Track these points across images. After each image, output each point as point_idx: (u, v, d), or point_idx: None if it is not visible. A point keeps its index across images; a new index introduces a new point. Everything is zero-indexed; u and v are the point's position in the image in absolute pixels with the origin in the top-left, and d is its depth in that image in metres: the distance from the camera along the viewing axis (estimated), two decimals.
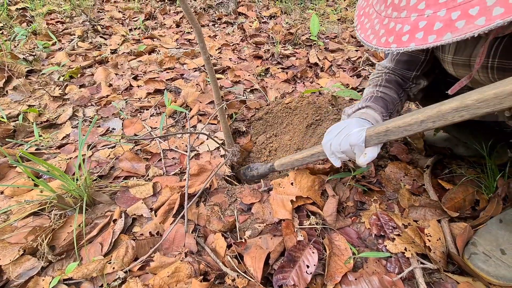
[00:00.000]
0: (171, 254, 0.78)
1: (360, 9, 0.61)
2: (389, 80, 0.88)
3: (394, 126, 0.61)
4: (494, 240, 0.76)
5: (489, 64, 0.61)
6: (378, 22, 0.52)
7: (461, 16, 0.40)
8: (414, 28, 0.44)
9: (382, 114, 0.80)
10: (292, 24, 2.52)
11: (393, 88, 0.87)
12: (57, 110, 1.42)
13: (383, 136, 0.64)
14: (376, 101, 0.83)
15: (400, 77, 0.88)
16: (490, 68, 0.61)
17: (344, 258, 0.77)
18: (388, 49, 0.48)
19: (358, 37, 0.56)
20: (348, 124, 0.72)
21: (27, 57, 1.82)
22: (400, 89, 0.88)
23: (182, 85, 1.63)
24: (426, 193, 0.97)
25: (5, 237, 0.81)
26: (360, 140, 0.67)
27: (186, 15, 0.74)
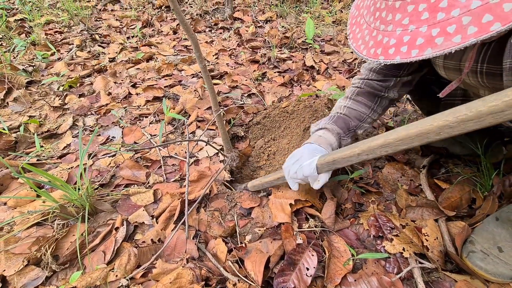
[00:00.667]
0: (173, 260, 0.80)
1: (352, 18, 0.64)
2: (360, 92, 0.90)
3: (338, 157, 0.70)
4: (491, 238, 0.77)
5: (478, 68, 0.62)
6: (368, 33, 0.55)
7: (440, 33, 0.43)
8: (399, 42, 0.48)
9: (340, 135, 0.86)
10: (287, 28, 2.55)
11: (363, 101, 0.89)
12: (57, 120, 1.44)
13: (332, 165, 0.73)
14: (337, 121, 0.87)
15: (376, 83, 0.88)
16: (479, 72, 0.63)
17: (343, 259, 0.78)
18: (376, 60, 0.52)
19: (350, 46, 0.59)
20: (301, 156, 0.80)
21: (27, 68, 1.84)
22: (373, 99, 0.89)
23: (180, 91, 1.65)
24: (423, 193, 0.98)
25: (10, 248, 0.82)
26: (311, 171, 0.76)
27: (182, 25, 0.76)
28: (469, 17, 0.40)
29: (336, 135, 0.86)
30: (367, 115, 0.89)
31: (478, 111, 0.45)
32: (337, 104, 0.95)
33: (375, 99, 0.89)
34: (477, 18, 0.39)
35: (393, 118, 1.42)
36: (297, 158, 0.80)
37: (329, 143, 0.84)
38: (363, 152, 0.63)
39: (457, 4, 0.41)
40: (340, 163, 0.71)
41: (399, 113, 1.46)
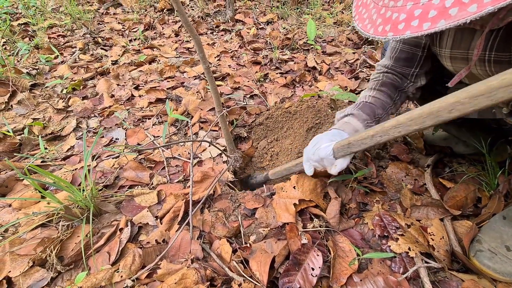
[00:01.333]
0: (178, 261, 0.79)
1: (358, 0, 0.62)
2: (384, 83, 0.90)
3: (354, 139, 0.70)
4: (499, 237, 0.77)
5: (486, 57, 0.62)
6: (375, 12, 0.53)
7: (454, 3, 0.41)
8: (409, 16, 0.46)
9: (366, 121, 0.84)
10: (289, 29, 2.56)
11: (387, 92, 0.89)
12: (61, 122, 1.45)
13: (347, 148, 0.72)
14: (363, 108, 0.87)
15: (398, 76, 0.89)
16: (487, 61, 0.62)
17: (349, 259, 0.78)
18: (384, 38, 0.49)
19: (356, 27, 0.58)
20: (321, 139, 0.80)
21: (31, 71, 1.86)
22: (395, 92, 0.90)
23: (183, 93, 1.66)
24: (427, 192, 0.97)
25: (15, 249, 0.82)
26: (327, 153, 0.76)
27: (186, 27, 0.76)
28: None
29: (363, 121, 0.84)
30: (389, 106, 0.89)
31: (489, 85, 0.44)
32: (362, 94, 0.95)
33: (397, 91, 0.90)
34: None
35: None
36: (317, 141, 0.81)
37: (355, 129, 0.83)
38: (376, 133, 0.62)
39: None
40: (355, 146, 0.70)
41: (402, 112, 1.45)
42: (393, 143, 1.20)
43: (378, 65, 0.96)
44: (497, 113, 0.75)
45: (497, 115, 0.75)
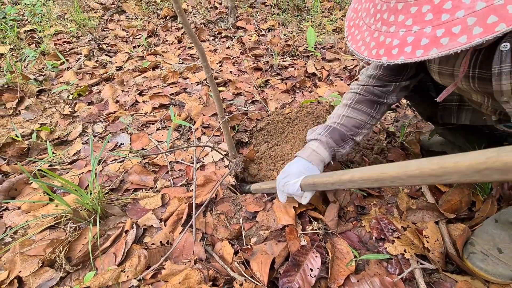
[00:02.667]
0: (181, 262, 0.82)
1: (350, 21, 0.64)
2: (359, 101, 0.90)
3: (317, 181, 0.73)
4: (491, 240, 0.79)
5: (470, 74, 0.66)
6: (368, 34, 0.56)
7: (445, 33, 0.44)
8: (402, 43, 0.48)
9: (333, 149, 0.88)
10: (289, 36, 2.61)
11: (362, 109, 0.90)
12: (67, 127, 1.49)
13: (312, 186, 0.76)
14: (332, 133, 0.89)
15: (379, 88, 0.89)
16: (471, 78, 0.66)
17: (346, 261, 0.81)
18: (379, 61, 0.52)
19: (349, 48, 0.60)
20: (289, 174, 0.83)
21: (37, 77, 1.91)
22: (372, 106, 0.90)
23: (185, 99, 1.70)
24: (423, 196, 1.00)
25: (25, 250, 0.86)
26: (295, 190, 0.79)
27: (190, 37, 0.80)
28: (474, 18, 0.41)
29: (329, 149, 0.87)
30: (366, 122, 0.90)
31: (422, 171, 0.45)
32: (335, 112, 0.95)
33: (375, 105, 0.90)
34: (482, 19, 0.40)
35: (393, 123, 1.45)
36: (286, 175, 0.84)
37: (321, 160, 0.86)
38: (335, 182, 0.67)
39: (461, 5, 0.42)
40: (319, 187, 0.75)
41: (399, 118, 1.49)
42: (390, 148, 1.24)
43: (362, 74, 0.95)
44: (488, 120, 0.79)
45: (488, 121, 0.79)
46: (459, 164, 0.40)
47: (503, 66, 0.57)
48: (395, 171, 0.50)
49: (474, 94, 0.73)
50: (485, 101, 0.72)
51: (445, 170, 0.42)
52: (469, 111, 0.86)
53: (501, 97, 0.62)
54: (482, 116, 0.81)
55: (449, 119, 0.89)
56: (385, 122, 1.46)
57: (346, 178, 0.63)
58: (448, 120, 0.90)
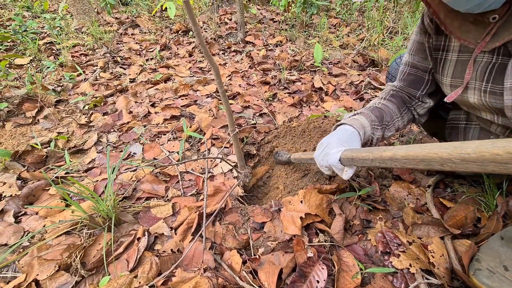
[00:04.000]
0: (191, 270, 0.85)
1: None
2: (394, 95, 0.94)
3: (357, 156, 0.71)
4: (497, 257, 0.80)
5: (483, 87, 0.69)
6: None
7: None
8: None
9: (373, 122, 0.86)
10: (297, 51, 2.69)
11: (396, 103, 0.92)
12: (83, 136, 1.55)
13: (351, 161, 0.74)
14: (372, 110, 0.89)
15: (407, 95, 0.93)
16: (483, 91, 0.69)
17: (352, 273, 0.82)
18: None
19: None
20: (328, 144, 0.81)
21: (56, 88, 2.00)
22: (403, 106, 0.92)
23: (196, 111, 1.76)
24: (429, 211, 1.02)
25: (42, 254, 0.89)
26: (335, 162, 0.77)
27: (206, 57, 0.86)
28: None
29: (371, 121, 0.85)
30: (397, 117, 0.91)
31: (481, 155, 0.41)
32: (371, 102, 0.97)
33: (405, 106, 0.92)
34: None
35: (399, 138, 1.48)
36: (325, 145, 0.81)
37: (362, 125, 0.83)
38: (375, 159, 0.65)
39: None
40: (358, 162, 0.72)
41: (405, 133, 1.52)
42: None
43: (388, 85, 1.00)
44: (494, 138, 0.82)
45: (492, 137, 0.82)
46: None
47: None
48: (447, 152, 0.45)
49: (483, 112, 0.76)
50: (495, 118, 0.74)
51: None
52: (476, 129, 0.87)
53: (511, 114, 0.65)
54: (489, 135, 0.83)
55: (456, 138, 0.91)
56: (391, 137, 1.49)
57: (388, 155, 0.59)
58: (455, 139, 0.92)
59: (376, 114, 0.88)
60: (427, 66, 0.85)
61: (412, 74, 0.90)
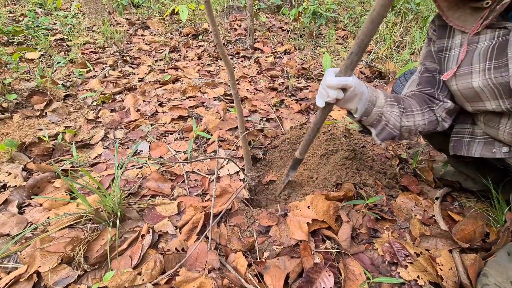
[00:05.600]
0: (195, 270, 0.84)
1: None
2: (414, 95, 0.92)
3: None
4: (505, 272, 0.79)
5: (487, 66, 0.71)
6: None
7: None
8: None
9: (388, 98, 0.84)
10: (305, 60, 2.71)
11: (416, 99, 0.89)
12: (90, 131, 1.55)
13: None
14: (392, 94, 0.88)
15: (426, 95, 0.90)
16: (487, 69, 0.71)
17: (359, 282, 0.81)
18: None
19: None
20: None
21: (65, 83, 2.02)
22: (424, 104, 0.89)
23: (203, 112, 1.77)
24: (436, 223, 1.01)
25: (45, 246, 0.88)
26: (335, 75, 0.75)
27: (222, 58, 0.87)
28: None
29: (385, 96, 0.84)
30: (416, 110, 0.87)
31: None
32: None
33: (426, 105, 0.89)
34: None
35: (406, 150, 1.48)
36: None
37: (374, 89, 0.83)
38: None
39: None
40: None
41: (412, 145, 1.52)
42: (403, 174, 1.26)
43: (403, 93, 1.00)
44: (497, 152, 0.81)
45: (497, 154, 0.81)
46: None
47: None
48: None
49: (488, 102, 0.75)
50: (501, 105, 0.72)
51: None
52: (480, 143, 0.87)
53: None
54: (492, 148, 0.83)
55: (460, 151, 0.91)
56: (398, 149, 1.49)
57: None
58: (459, 152, 0.91)
59: (394, 96, 0.87)
60: (436, 67, 0.90)
61: (424, 76, 0.92)
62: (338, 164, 1.21)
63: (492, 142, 0.84)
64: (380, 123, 0.84)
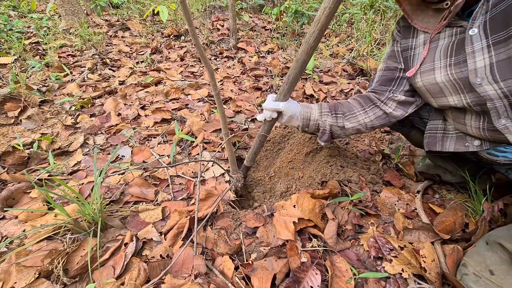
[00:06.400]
0: (181, 276, 0.82)
1: None
2: (359, 96, 1.05)
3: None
4: (483, 261, 0.82)
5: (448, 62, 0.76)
6: None
7: None
8: None
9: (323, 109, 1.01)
10: (288, 59, 2.72)
11: (359, 100, 1.02)
12: (68, 138, 1.50)
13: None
14: (325, 103, 1.03)
15: (374, 94, 1.00)
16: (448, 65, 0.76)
17: (345, 279, 0.82)
18: None
19: None
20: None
21: (41, 88, 1.93)
22: (368, 102, 1.00)
23: (187, 114, 1.74)
24: (419, 216, 1.03)
25: (21, 260, 0.84)
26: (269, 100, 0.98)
27: (202, 59, 0.85)
28: None
29: (319, 107, 1.01)
30: (358, 112, 0.99)
31: None
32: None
33: (370, 103, 1.00)
34: None
35: (388, 145, 1.51)
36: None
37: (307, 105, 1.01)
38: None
39: None
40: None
41: (394, 141, 1.55)
42: (386, 169, 1.28)
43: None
44: (470, 146, 0.84)
45: (470, 148, 0.84)
46: None
47: (474, 45, 0.68)
48: None
49: (451, 97, 0.79)
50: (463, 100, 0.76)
51: None
52: (453, 138, 0.91)
53: (476, 78, 0.69)
54: (465, 143, 0.86)
55: (434, 147, 0.95)
56: (381, 144, 1.52)
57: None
58: (433, 148, 0.95)
59: (329, 105, 1.03)
60: (397, 66, 0.95)
61: (384, 75, 0.99)
62: (323, 162, 1.22)
63: (464, 137, 0.87)
64: (318, 131, 1.03)
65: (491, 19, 0.65)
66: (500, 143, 0.77)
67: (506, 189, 1.04)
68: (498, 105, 0.68)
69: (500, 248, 0.81)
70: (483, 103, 0.71)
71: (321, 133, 1.02)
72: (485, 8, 0.66)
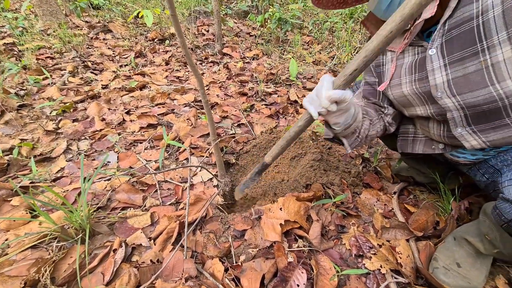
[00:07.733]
0: (172, 280, 0.84)
1: None
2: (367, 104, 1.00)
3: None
4: (451, 256, 0.91)
5: (413, 78, 0.83)
6: None
7: None
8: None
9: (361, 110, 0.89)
10: (273, 65, 2.79)
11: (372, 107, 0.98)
12: (50, 144, 1.46)
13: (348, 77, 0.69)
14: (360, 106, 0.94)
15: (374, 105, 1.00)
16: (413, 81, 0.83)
17: (329, 276, 0.87)
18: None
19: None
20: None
21: (18, 91, 1.87)
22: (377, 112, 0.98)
23: (173, 119, 1.75)
24: (395, 216, 1.11)
25: (5, 270, 0.82)
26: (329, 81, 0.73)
27: (190, 67, 0.89)
28: None
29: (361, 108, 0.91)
30: (375, 119, 0.95)
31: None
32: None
33: (377, 113, 0.98)
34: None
35: (368, 150, 1.60)
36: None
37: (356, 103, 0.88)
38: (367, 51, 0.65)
39: None
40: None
41: (373, 145, 1.64)
42: (366, 172, 1.36)
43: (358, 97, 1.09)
44: (436, 148, 0.93)
45: (436, 150, 0.93)
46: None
47: (434, 64, 0.75)
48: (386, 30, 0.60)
49: (418, 108, 0.87)
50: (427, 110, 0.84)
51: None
52: (422, 141, 0.99)
53: (437, 93, 0.77)
54: (432, 145, 0.95)
55: (406, 149, 1.03)
56: (360, 149, 1.60)
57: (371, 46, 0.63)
58: (405, 150, 1.03)
59: (362, 108, 0.93)
60: (375, 80, 1.01)
61: (366, 90, 1.04)
62: (307, 166, 1.27)
63: (431, 141, 0.96)
64: (354, 135, 0.89)
65: (447, 41, 0.72)
66: (458, 147, 0.87)
67: (472, 189, 1.14)
68: (455, 116, 0.77)
69: (466, 243, 0.89)
70: (443, 113, 0.79)
71: (354, 138, 0.90)
72: (442, 32, 0.73)
